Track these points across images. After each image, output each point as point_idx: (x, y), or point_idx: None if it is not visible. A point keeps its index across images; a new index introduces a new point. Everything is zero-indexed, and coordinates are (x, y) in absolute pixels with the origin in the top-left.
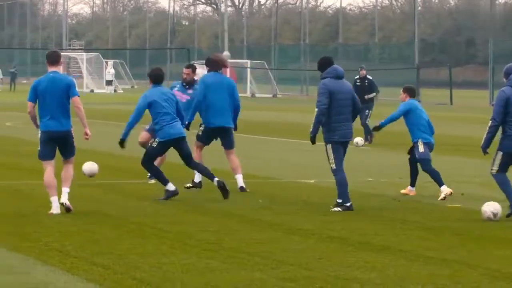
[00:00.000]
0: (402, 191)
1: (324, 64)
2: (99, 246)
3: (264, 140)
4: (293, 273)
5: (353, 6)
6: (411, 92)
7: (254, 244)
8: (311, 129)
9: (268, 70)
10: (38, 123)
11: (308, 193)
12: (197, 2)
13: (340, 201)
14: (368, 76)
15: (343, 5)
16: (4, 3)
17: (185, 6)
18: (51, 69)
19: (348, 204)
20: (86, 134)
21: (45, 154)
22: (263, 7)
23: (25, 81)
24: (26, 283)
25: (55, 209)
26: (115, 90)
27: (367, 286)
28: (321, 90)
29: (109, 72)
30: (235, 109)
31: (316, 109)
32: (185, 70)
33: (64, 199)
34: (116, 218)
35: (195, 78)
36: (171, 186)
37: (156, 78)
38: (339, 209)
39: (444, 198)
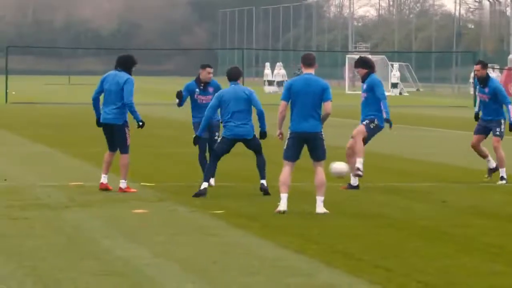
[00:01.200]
0: None
1: None
2: (382, 248)
3: None
4: None
5: None
6: None
7: None
8: None
9: None
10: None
11: None
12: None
13: None
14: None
15: None
16: (290, 5)
17: (471, 9)
18: (306, 71)
19: None
20: None
21: (290, 155)
22: None
23: None
24: (311, 285)
25: (283, 206)
26: (400, 93)
27: None
28: None
29: (395, 75)
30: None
31: None
32: (475, 67)
33: (321, 208)
34: (399, 220)
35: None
36: (205, 185)
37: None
38: None
39: None
